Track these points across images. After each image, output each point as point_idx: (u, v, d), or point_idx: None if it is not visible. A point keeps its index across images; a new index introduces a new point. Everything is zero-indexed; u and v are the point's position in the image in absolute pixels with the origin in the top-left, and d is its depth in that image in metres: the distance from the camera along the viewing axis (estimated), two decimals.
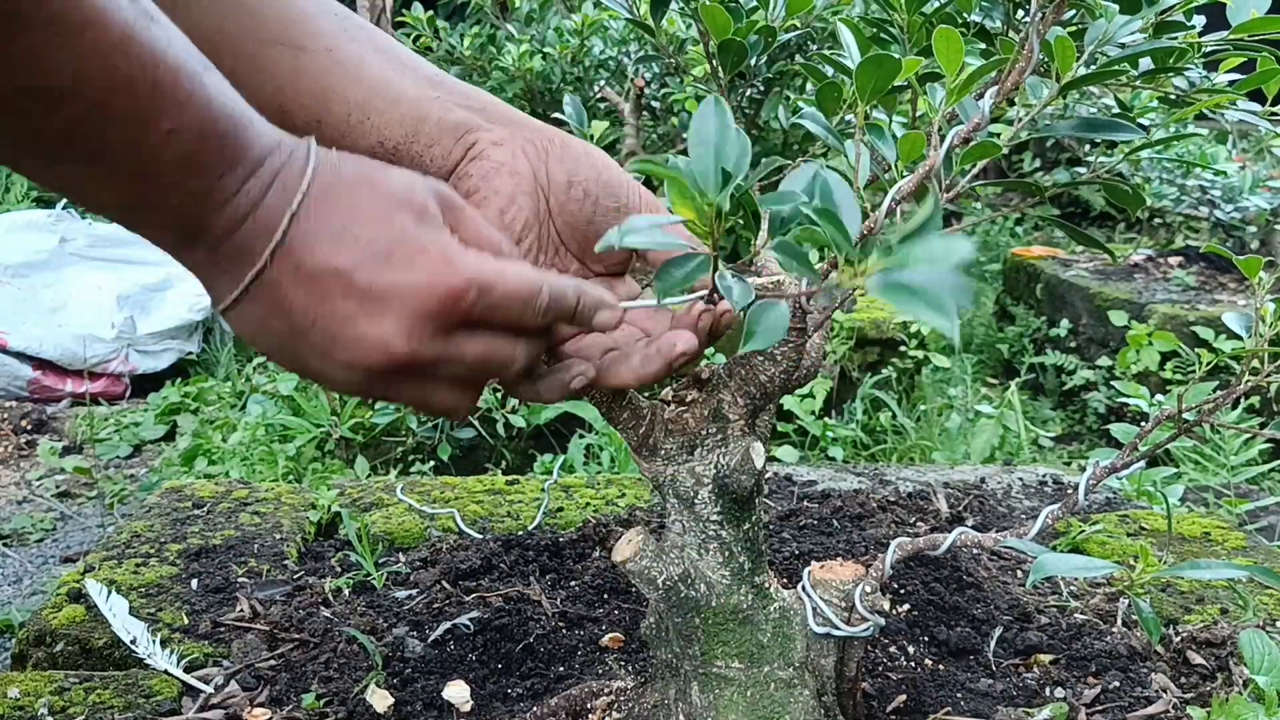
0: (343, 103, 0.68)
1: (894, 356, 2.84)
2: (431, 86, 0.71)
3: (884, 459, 2.66)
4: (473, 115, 0.71)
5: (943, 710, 1.00)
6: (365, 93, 0.69)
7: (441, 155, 0.71)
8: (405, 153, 0.71)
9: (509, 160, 0.70)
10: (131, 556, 1.32)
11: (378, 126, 0.69)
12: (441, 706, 1.01)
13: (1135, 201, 0.80)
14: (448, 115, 0.71)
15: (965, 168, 0.74)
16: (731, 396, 0.81)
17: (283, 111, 0.67)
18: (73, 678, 1.04)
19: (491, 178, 0.70)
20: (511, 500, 1.53)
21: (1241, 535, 1.43)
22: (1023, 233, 5.11)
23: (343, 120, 0.69)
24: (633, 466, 2.17)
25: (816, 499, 1.56)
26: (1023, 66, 0.69)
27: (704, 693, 0.85)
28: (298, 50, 0.67)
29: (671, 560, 0.85)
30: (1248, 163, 4.12)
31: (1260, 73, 0.78)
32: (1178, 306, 3.11)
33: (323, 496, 1.51)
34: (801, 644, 0.86)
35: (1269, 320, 0.77)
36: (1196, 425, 0.81)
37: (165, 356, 3.42)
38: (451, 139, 0.71)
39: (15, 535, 2.40)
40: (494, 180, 0.70)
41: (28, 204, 4.82)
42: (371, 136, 0.70)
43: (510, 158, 0.70)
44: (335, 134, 0.69)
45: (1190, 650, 1.12)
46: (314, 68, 0.68)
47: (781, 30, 0.91)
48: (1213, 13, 0.78)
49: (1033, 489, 1.67)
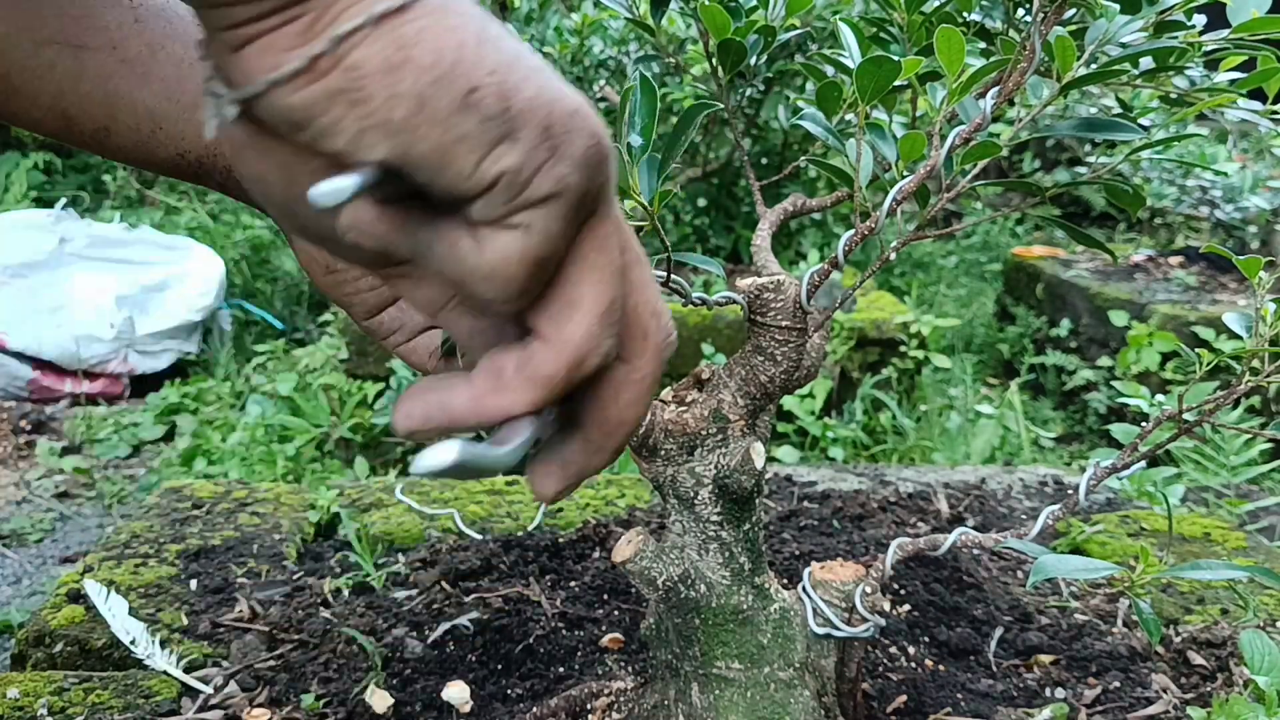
0: (130, 110, 0.58)
1: (894, 356, 2.84)
2: None
3: (884, 459, 2.66)
4: None
5: (943, 711, 1.00)
6: (155, 97, 0.58)
7: None
8: (212, 166, 0.61)
9: None
10: (131, 557, 1.32)
11: (172, 137, 0.59)
12: (441, 707, 1.00)
13: (1135, 202, 0.80)
14: None
15: (966, 168, 0.74)
16: (732, 397, 0.81)
17: (66, 118, 0.58)
18: (72, 678, 1.04)
19: None
20: (511, 501, 1.53)
21: (1242, 535, 1.43)
22: (1023, 233, 5.11)
23: (132, 130, 0.59)
24: (633, 466, 2.17)
25: (817, 499, 1.56)
26: (1024, 67, 0.69)
27: (704, 693, 0.85)
28: (78, 49, 0.57)
29: (671, 561, 0.85)
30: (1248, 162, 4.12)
31: (1260, 72, 0.78)
32: (1178, 306, 3.11)
33: (322, 497, 1.51)
34: (802, 645, 0.86)
35: (1269, 320, 0.77)
36: (1197, 425, 0.80)
37: (164, 357, 3.42)
38: None
39: (14, 535, 2.40)
40: None
41: (27, 204, 4.82)
42: (169, 148, 0.60)
43: None
44: (126, 144, 0.60)
45: (1191, 651, 1.12)
46: (97, 69, 0.57)
47: (781, 30, 0.91)
48: (1213, 12, 0.78)
49: (1033, 489, 1.66)
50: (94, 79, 0.57)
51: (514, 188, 0.36)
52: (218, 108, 0.37)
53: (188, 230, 4.49)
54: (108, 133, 0.59)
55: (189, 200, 4.99)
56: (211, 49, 0.37)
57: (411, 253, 0.39)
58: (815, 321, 0.82)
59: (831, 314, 0.87)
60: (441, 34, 0.35)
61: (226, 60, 0.36)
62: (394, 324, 0.62)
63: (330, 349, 3.11)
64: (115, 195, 5.22)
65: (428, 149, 0.35)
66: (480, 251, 0.37)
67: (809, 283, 0.77)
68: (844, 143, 0.79)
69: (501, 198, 0.37)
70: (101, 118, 0.58)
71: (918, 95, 0.92)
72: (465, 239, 0.38)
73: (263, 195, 0.40)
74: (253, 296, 4.09)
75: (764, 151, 3.33)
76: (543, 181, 0.37)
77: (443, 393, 0.40)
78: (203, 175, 0.61)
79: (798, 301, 0.78)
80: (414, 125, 0.35)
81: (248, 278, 4.15)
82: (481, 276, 0.38)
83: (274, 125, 0.37)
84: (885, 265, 1.93)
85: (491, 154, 0.36)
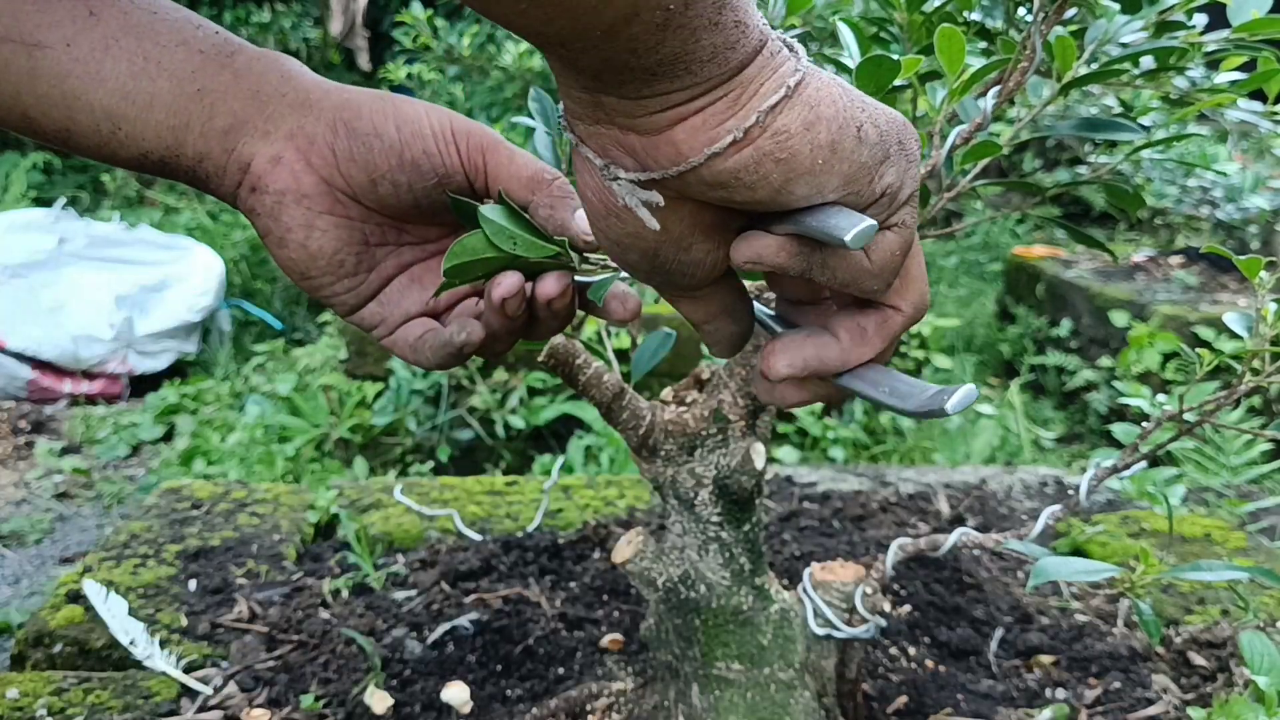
0: (88, 111, 0.57)
1: (895, 356, 2.84)
2: (194, 73, 0.58)
3: (884, 460, 2.66)
4: (247, 113, 0.59)
5: (943, 711, 0.99)
6: (110, 96, 0.57)
7: (216, 171, 0.59)
8: (175, 165, 0.59)
9: (291, 185, 0.59)
10: (130, 557, 1.32)
11: (133, 137, 0.58)
12: (440, 708, 1.00)
13: (1135, 202, 0.79)
14: (211, 120, 0.58)
15: (966, 167, 0.74)
16: (732, 397, 0.80)
17: (28, 119, 0.57)
18: (71, 678, 1.04)
19: (278, 214, 0.60)
20: (510, 501, 1.53)
21: (1242, 536, 1.42)
22: (1024, 233, 5.11)
23: (92, 130, 0.57)
24: (632, 467, 2.17)
25: (817, 500, 1.56)
26: (1025, 67, 0.69)
27: (704, 694, 0.85)
28: (32, 48, 0.56)
29: (671, 561, 0.84)
30: (1248, 163, 4.12)
31: (1261, 72, 0.78)
32: (1179, 307, 3.11)
33: (321, 497, 1.51)
34: (802, 645, 0.86)
35: (1269, 320, 0.77)
36: (1198, 426, 0.80)
37: (163, 357, 3.42)
38: (221, 151, 0.59)
39: (14, 536, 2.39)
40: (282, 215, 0.59)
41: (26, 203, 4.82)
42: (130, 148, 0.58)
43: (292, 181, 0.59)
44: (89, 145, 0.58)
45: (1191, 651, 1.12)
46: (52, 69, 0.56)
47: (781, 29, 0.91)
48: (1213, 12, 0.78)
49: (1034, 490, 1.66)
50: (50, 79, 0.56)
51: (895, 195, 0.46)
52: (632, 192, 0.45)
53: (187, 230, 4.49)
54: (69, 133, 0.58)
55: (188, 200, 4.99)
56: (606, 138, 0.44)
57: (801, 270, 0.47)
58: None
59: None
60: (826, 90, 0.44)
61: (642, 143, 0.43)
62: (374, 319, 0.65)
63: (329, 349, 3.11)
64: (114, 195, 5.22)
65: (837, 183, 0.44)
66: (870, 252, 0.47)
67: None
68: None
69: (886, 205, 0.46)
70: (61, 119, 0.57)
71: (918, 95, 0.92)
72: None
73: (630, 250, 0.48)
74: (252, 296, 4.09)
75: None
76: (908, 184, 0.47)
77: (815, 348, 0.51)
78: (170, 174, 0.61)
79: None
80: (829, 167, 0.44)
81: (247, 277, 4.15)
82: (873, 274, 0.47)
83: (686, 190, 0.45)
84: None
85: (878, 173, 0.45)
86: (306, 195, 0.60)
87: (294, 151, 0.59)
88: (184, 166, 0.60)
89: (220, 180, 0.60)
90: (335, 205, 0.61)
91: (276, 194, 0.59)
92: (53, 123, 0.57)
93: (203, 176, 0.60)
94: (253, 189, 0.60)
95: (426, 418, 2.62)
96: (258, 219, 0.60)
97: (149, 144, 0.58)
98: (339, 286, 0.63)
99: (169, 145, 0.59)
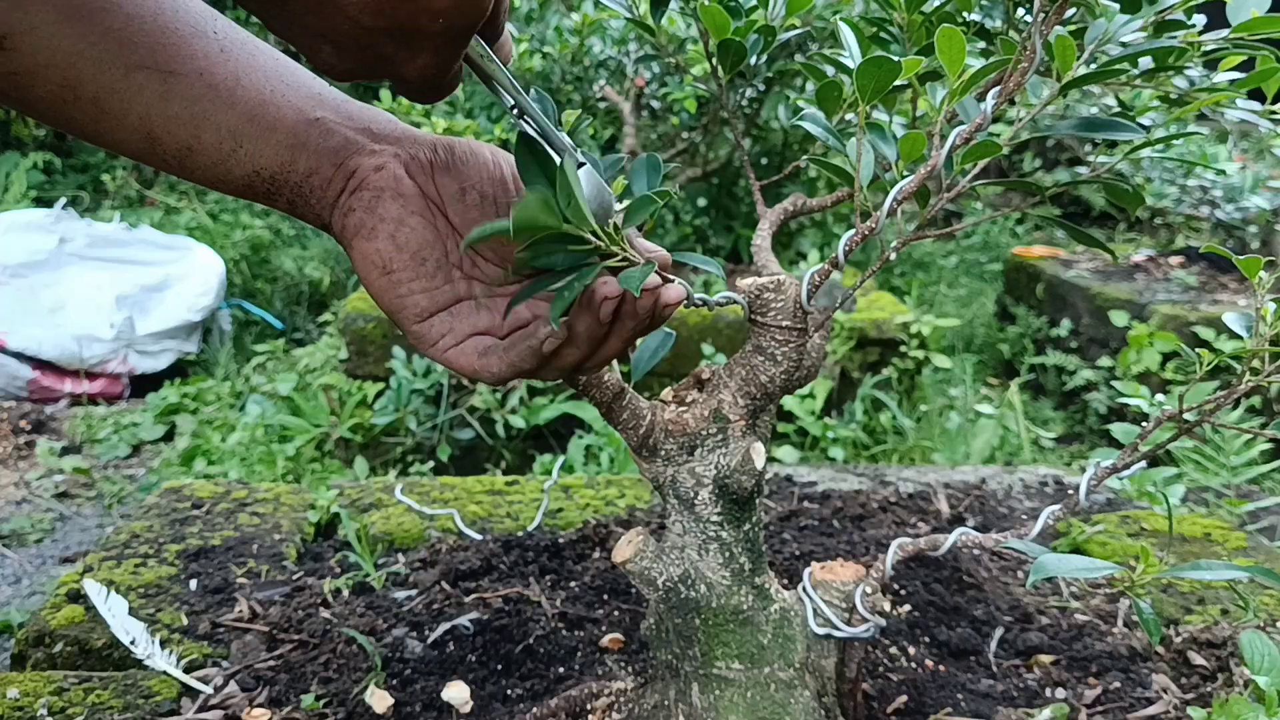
0: (214, 130, 0.64)
1: (894, 357, 2.84)
2: (314, 107, 0.67)
3: (884, 459, 2.66)
4: (356, 137, 0.68)
5: (943, 711, 1.00)
6: (239, 118, 0.65)
7: (321, 184, 0.67)
8: (284, 182, 0.67)
9: (391, 184, 0.67)
10: (130, 557, 1.32)
11: (251, 155, 0.65)
12: (441, 707, 1.00)
13: (1135, 201, 0.79)
14: (326, 140, 0.67)
15: (966, 168, 0.74)
16: (732, 397, 0.80)
17: (151, 138, 0.64)
18: (72, 678, 1.04)
19: (375, 206, 0.67)
20: (511, 501, 1.53)
21: (1242, 536, 1.42)
22: (1023, 233, 5.11)
23: (214, 148, 0.65)
24: (632, 467, 2.17)
25: (817, 499, 1.56)
26: (1024, 67, 0.69)
27: (704, 694, 0.85)
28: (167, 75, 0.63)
29: (671, 561, 0.84)
30: (1248, 162, 4.12)
31: (1260, 71, 0.78)
32: (1179, 306, 3.11)
33: (322, 497, 1.51)
34: (802, 645, 0.86)
35: (1269, 320, 0.77)
36: (1197, 425, 0.80)
37: (164, 357, 3.42)
38: (330, 166, 0.67)
39: (14, 535, 2.40)
40: (378, 208, 0.67)
41: (27, 203, 4.82)
42: (246, 165, 0.66)
43: (393, 181, 0.67)
44: (207, 162, 0.65)
45: (1191, 651, 1.12)
46: (185, 93, 0.63)
47: (781, 29, 0.91)
48: (1213, 12, 0.78)
49: (1033, 489, 1.66)
50: (182, 101, 0.63)
51: None
52: None
53: (187, 230, 4.49)
54: (190, 151, 0.64)
55: (189, 200, 4.99)
56: None
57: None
58: (815, 321, 0.82)
59: (832, 314, 0.87)
60: None
61: None
62: (444, 328, 0.69)
63: (330, 349, 3.12)
64: (115, 195, 5.22)
65: None
66: None
67: (809, 283, 0.77)
68: (844, 143, 0.79)
69: None
70: (186, 137, 0.64)
71: (918, 95, 0.92)
72: None
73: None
74: (252, 296, 4.09)
75: (764, 151, 3.33)
76: None
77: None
78: (274, 194, 0.67)
79: (798, 301, 0.78)
80: None
81: (247, 277, 4.15)
82: None
83: None
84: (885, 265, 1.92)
85: None
86: (403, 195, 0.67)
87: (396, 161, 0.67)
88: (292, 182, 0.67)
89: (324, 192, 0.67)
90: (426, 210, 0.68)
91: (375, 189, 0.67)
92: (176, 141, 0.64)
93: (307, 191, 0.67)
94: (354, 191, 0.67)
95: (427, 417, 2.62)
96: (351, 215, 0.67)
97: (265, 160, 0.66)
98: (416, 285, 0.68)
99: (284, 161, 0.66)
